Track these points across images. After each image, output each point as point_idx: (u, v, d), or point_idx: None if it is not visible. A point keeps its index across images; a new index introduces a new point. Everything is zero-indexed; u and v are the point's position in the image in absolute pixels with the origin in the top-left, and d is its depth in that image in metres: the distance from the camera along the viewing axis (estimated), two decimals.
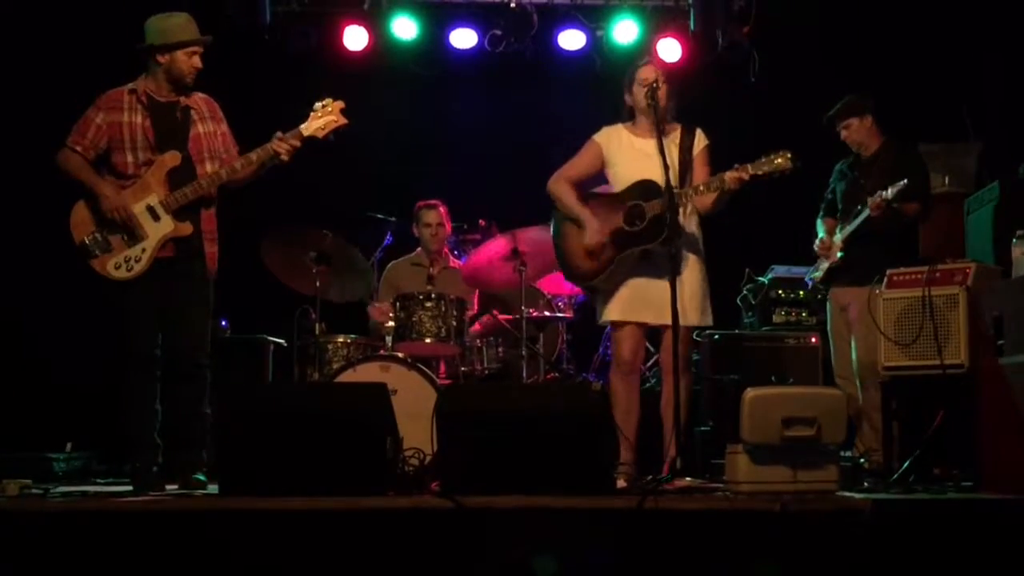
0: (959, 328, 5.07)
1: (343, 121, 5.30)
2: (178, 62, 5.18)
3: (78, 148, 5.11)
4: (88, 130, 5.12)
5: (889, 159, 5.87)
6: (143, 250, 5.08)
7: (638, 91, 5.21)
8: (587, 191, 5.35)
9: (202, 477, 5.08)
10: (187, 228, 5.13)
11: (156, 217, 5.10)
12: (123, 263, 5.07)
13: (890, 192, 5.54)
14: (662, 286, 4.96)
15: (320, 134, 5.27)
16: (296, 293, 6.33)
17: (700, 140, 5.25)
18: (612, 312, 5.20)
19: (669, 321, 4.88)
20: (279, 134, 5.22)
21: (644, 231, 5.07)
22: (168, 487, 4.97)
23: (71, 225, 5.09)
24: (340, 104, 5.32)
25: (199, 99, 5.32)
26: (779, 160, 4.92)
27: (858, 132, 5.96)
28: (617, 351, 5.24)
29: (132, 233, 5.07)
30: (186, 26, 5.22)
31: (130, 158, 5.13)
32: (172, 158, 5.14)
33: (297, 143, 5.21)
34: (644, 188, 5.11)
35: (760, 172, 4.93)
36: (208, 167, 5.22)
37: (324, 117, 5.28)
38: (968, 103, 7.31)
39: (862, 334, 5.66)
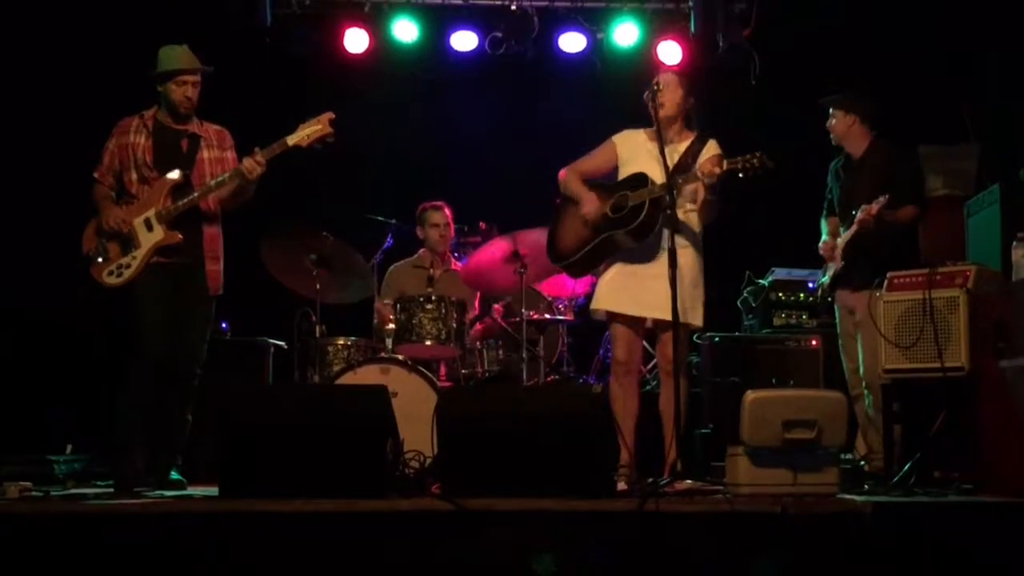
0: (959, 331, 5.07)
1: (328, 131, 5.35)
2: (170, 91, 5.40)
3: (97, 175, 5.43)
4: (105, 157, 5.44)
5: (878, 162, 5.83)
6: (134, 258, 5.31)
7: (646, 97, 5.22)
8: (591, 181, 5.38)
9: (179, 476, 5.30)
10: (175, 236, 5.32)
11: (150, 228, 5.32)
12: (115, 270, 5.30)
13: (875, 207, 5.53)
14: (651, 281, 5.00)
15: (304, 143, 5.34)
16: (296, 295, 6.34)
17: (711, 148, 5.22)
18: (600, 300, 5.23)
19: (653, 314, 4.93)
20: (257, 149, 5.31)
21: (622, 218, 5.10)
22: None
23: (83, 239, 5.38)
24: (330, 115, 5.38)
25: (211, 129, 5.54)
26: (754, 160, 4.90)
27: (838, 126, 5.94)
28: (614, 350, 5.26)
29: (128, 243, 5.31)
30: (178, 57, 5.41)
31: (134, 176, 5.38)
32: (174, 176, 5.35)
33: (261, 159, 5.27)
34: (634, 180, 5.15)
35: (733, 167, 4.91)
36: None
37: (310, 127, 5.35)
38: (968, 105, 7.31)
39: (866, 337, 5.66)
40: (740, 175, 4.89)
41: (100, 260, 5.30)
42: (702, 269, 5.20)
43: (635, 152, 5.28)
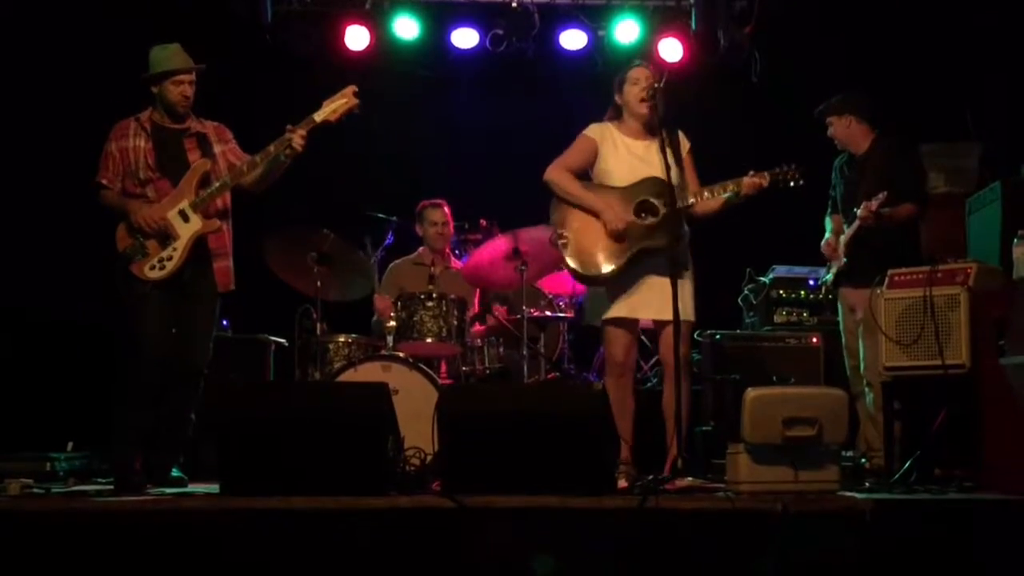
0: (960, 328, 5.06)
1: (355, 102, 5.37)
2: (166, 91, 5.38)
3: (105, 181, 5.38)
4: (108, 162, 5.39)
5: (880, 159, 5.86)
6: (175, 249, 5.29)
7: (630, 91, 5.20)
8: (585, 183, 5.27)
9: (179, 474, 5.30)
10: (214, 223, 5.35)
11: (186, 218, 5.31)
12: (156, 264, 5.28)
13: (874, 204, 5.55)
14: (661, 283, 4.95)
15: (333, 117, 5.35)
16: (298, 293, 6.34)
17: (684, 143, 5.24)
18: (620, 309, 5.12)
19: (667, 317, 4.85)
20: (290, 126, 5.30)
21: (659, 227, 5.00)
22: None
23: (116, 241, 5.33)
24: (352, 88, 5.40)
25: (210, 126, 5.53)
26: (787, 170, 5.03)
27: (838, 131, 5.99)
28: (611, 351, 5.19)
29: (165, 236, 5.29)
30: (173, 57, 5.39)
31: (135, 179, 5.35)
32: (203, 164, 5.37)
33: (304, 132, 5.28)
34: (653, 185, 5.05)
35: (775, 179, 5.01)
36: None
37: (336, 102, 5.36)
38: (970, 103, 7.31)
39: (868, 334, 5.67)
40: (780, 186, 5.00)
41: (139, 257, 5.27)
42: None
43: (613, 148, 5.22)
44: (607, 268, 5.09)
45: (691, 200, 5.05)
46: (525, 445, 4.37)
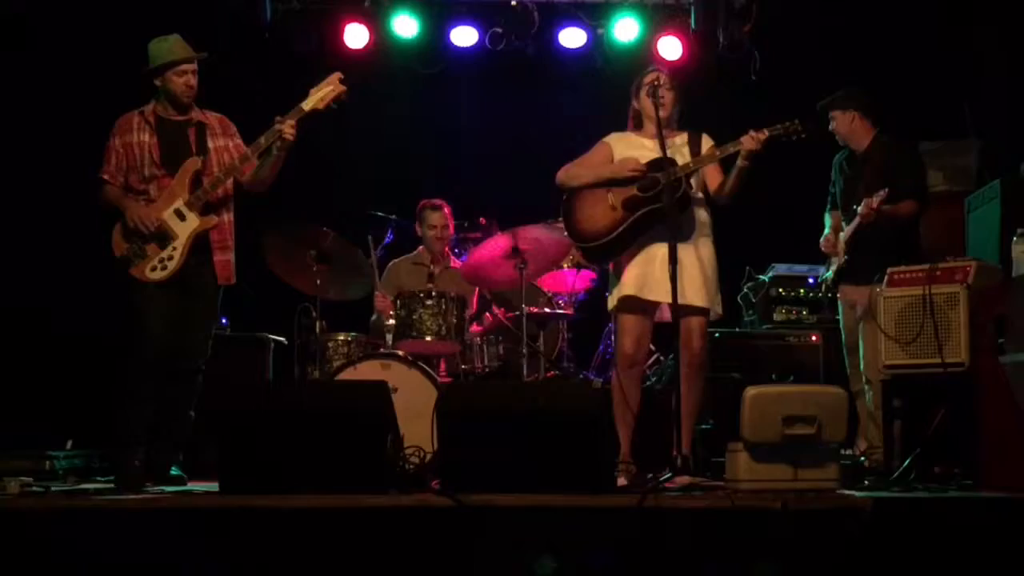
0: (959, 326, 5.07)
1: (342, 89, 5.37)
2: (170, 83, 5.37)
3: (106, 176, 5.37)
4: (111, 157, 5.38)
5: (880, 157, 5.87)
6: (174, 249, 5.29)
7: (645, 96, 5.22)
8: None
9: (179, 472, 5.30)
10: (212, 220, 5.35)
11: (183, 217, 5.31)
12: (157, 265, 5.29)
13: (875, 201, 5.55)
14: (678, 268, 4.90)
15: (321, 105, 5.36)
16: (297, 291, 6.34)
17: (707, 141, 5.27)
18: (626, 287, 5.09)
19: (683, 300, 4.85)
20: (278, 117, 5.30)
21: (658, 194, 4.99)
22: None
23: (112, 244, 5.33)
24: (338, 75, 5.40)
25: (213, 117, 5.52)
26: (789, 124, 5.05)
27: (840, 126, 6.00)
28: (620, 342, 5.17)
29: (163, 237, 5.28)
30: (174, 47, 5.38)
31: (140, 175, 5.35)
32: (194, 163, 5.36)
33: (293, 122, 5.27)
34: (658, 162, 5.05)
35: (775, 133, 5.02)
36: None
37: (323, 90, 5.36)
38: (969, 101, 7.31)
39: (868, 332, 5.67)
40: (782, 139, 5.00)
41: (138, 260, 5.26)
42: (715, 252, 5.20)
43: (629, 150, 5.24)
44: (608, 234, 5.11)
45: (692, 165, 5.08)
46: (524, 443, 4.37)
